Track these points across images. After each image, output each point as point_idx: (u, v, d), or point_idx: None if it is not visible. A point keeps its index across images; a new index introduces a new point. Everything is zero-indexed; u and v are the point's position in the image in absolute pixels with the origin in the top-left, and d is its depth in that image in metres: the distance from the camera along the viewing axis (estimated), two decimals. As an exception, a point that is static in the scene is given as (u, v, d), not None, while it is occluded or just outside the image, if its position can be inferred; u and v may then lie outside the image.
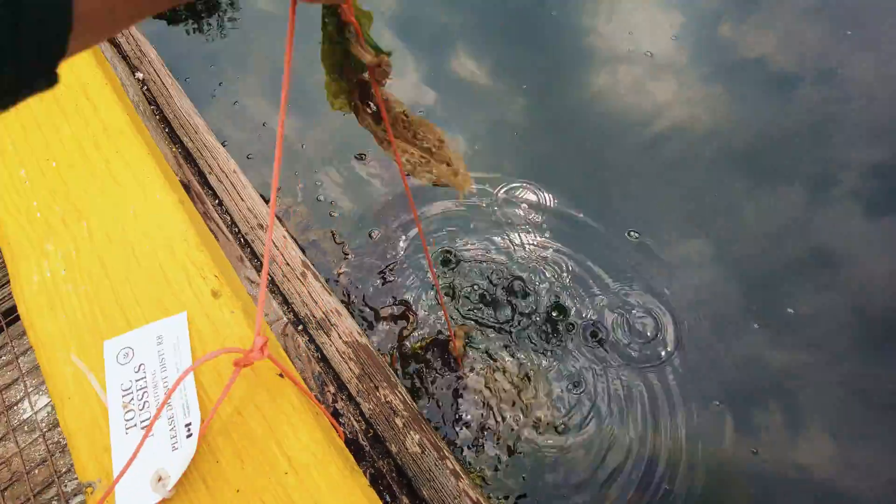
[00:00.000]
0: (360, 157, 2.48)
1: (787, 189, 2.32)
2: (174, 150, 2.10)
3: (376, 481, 1.36)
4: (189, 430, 0.75)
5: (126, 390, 0.80)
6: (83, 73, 1.27)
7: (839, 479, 1.73)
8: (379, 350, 1.65)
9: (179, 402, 0.78)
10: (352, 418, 1.43)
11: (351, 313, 1.77)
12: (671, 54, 2.76)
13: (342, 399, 1.46)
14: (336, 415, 1.43)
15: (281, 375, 0.81)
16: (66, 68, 0.37)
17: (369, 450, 1.40)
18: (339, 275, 2.16)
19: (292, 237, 1.86)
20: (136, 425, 0.76)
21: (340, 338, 1.55)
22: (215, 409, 0.74)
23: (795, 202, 2.28)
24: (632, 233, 2.19)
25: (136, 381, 0.81)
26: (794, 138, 2.46)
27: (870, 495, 1.70)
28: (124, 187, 1.06)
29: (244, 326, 0.86)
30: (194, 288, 0.90)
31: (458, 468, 1.42)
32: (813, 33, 2.83)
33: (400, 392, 1.49)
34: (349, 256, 2.19)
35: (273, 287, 1.63)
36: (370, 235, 2.26)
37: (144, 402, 0.79)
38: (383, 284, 2.13)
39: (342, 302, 1.85)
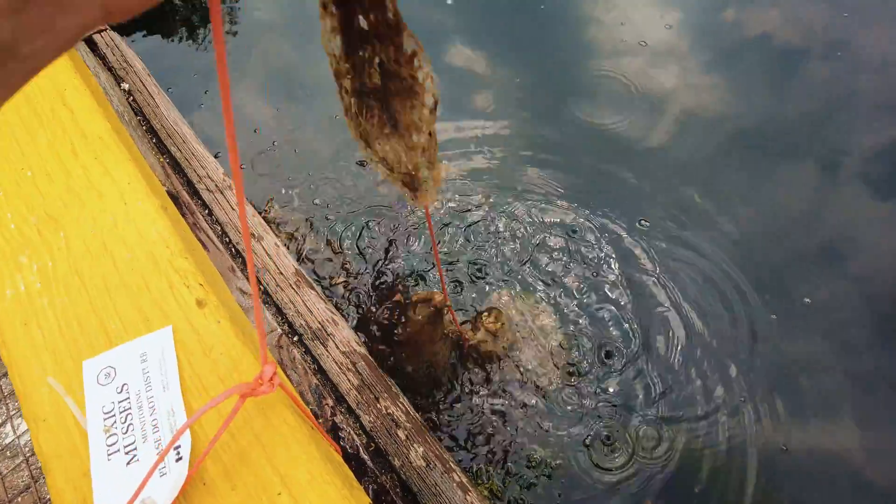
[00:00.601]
0: (362, 164, 2.43)
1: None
2: (162, 160, 2.05)
3: (379, 498, 1.30)
4: (178, 453, 0.69)
5: (108, 413, 0.74)
6: (60, 79, 1.21)
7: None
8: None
9: (167, 423, 0.72)
10: (352, 432, 1.36)
11: (348, 322, 1.72)
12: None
13: (341, 412, 1.39)
14: (335, 429, 1.36)
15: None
16: (42, 75, 0.31)
17: (371, 465, 1.33)
18: (336, 284, 2.10)
19: (286, 245, 1.81)
20: (119, 450, 0.70)
21: (338, 347, 1.48)
22: (214, 441, 0.67)
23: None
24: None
25: (119, 402, 0.75)
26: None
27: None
28: (103, 195, 1.00)
29: (232, 336, 0.80)
30: (178, 298, 0.85)
31: (465, 481, 1.35)
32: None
33: (402, 403, 1.43)
34: (348, 265, 2.14)
35: (266, 297, 1.56)
36: (370, 244, 2.20)
37: (129, 426, 0.72)
38: (385, 290, 2.07)
39: (339, 311, 1.79)
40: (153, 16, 3.13)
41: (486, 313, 1.78)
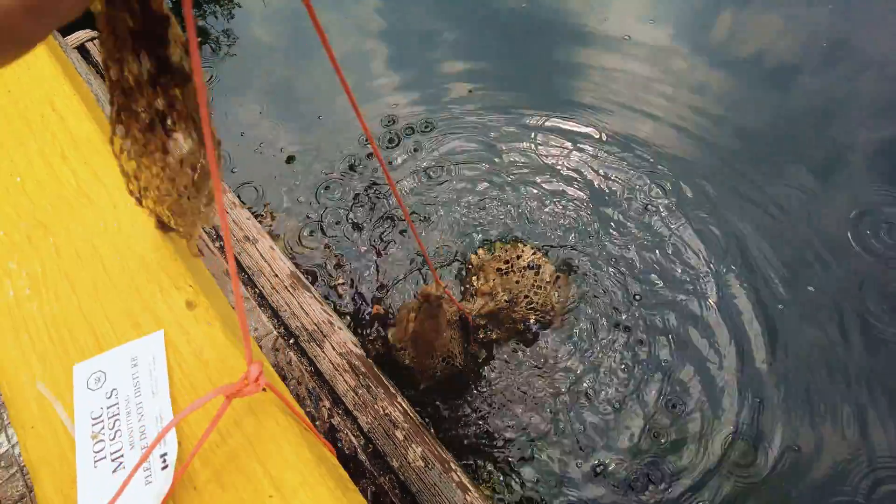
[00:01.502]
0: (353, 168, 2.43)
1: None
2: (156, 166, 2.04)
3: (378, 500, 1.29)
4: (164, 461, 0.68)
5: (96, 419, 0.73)
6: (50, 85, 1.21)
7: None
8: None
9: (153, 429, 0.71)
10: (349, 433, 1.36)
11: (349, 324, 1.71)
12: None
13: (338, 414, 1.39)
14: (333, 431, 1.36)
15: (264, 390, 0.74)
16: (31, 81, 0.32)
17: (370, 466, 1.33)
18: (335, 286, 2.09)
19: (282, 248, 1.80)
20: (105, 457, 0.69)
21: (334, 349, 1.48)
22: (201, 443, 0.66)
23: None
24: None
25: (108, 407, 0.74)
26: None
27: None
28: (93, 200, 1.00)
29: (223, 338, 0.80)
30: (168, 301, 0.84)
31: (465, 480, 1.35)
32: None
33: (399, 403, 1.42)
34: (345, 266, 2.13)
35: (261, 300, 1.56)
36: (370, 244, 2.20)
37: (116, 432, 0.71)
38: (385, 292, 2.07)
39: (340, 313, 1.79)
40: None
41: (473, 277, 1.81)
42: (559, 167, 2.38)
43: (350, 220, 2.24)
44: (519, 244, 1.85)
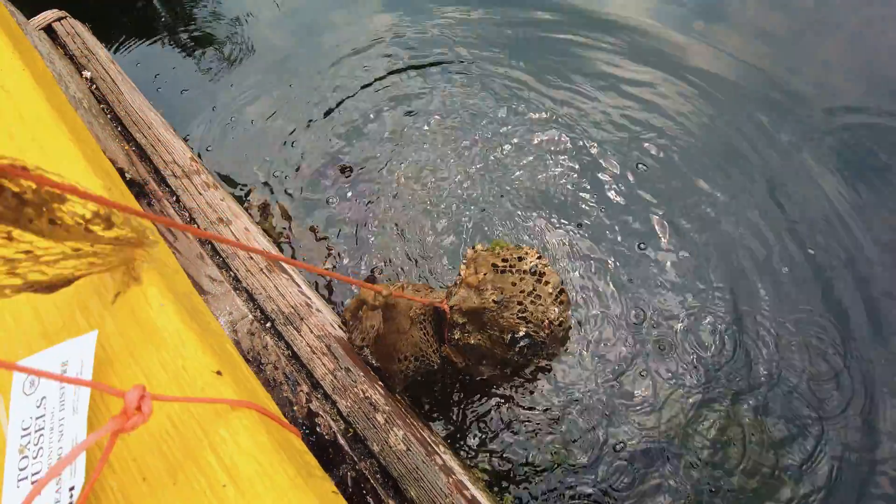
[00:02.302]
0: (344, 165, 2.36)
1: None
2: (127, 148, 1.97)
3: (359, 485, 1.26)
4: (72, 495, 0.60)
5: (25, 430, 0.65)
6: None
7: None
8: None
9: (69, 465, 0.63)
10: (328, 418, 1.32)
11: (333, 308, 1.66)
12: None
13: (317, 398, 1.34)
14: (311, 416, 1.32)
15: (219, 373, 0.69)
16: None
17: (349, 451, 1.29)
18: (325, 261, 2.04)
19: (263, 229, 1.75)
20: (27, 477, 0.61)
21: (311, 332, 1.43)
22: (93, 480, 0.60)
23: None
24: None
25: (36, 419, 0.65)
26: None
27: None
28: (42, 177, 0.94)
29: (177, 323, 0.74)
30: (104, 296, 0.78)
31: (450, 463, 1.31)
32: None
33: (379, 385, 1.38)
34: (332, 251, 2.07)
35: (236, 284, 1.51)
36: (355, 230, 2.14)
37: (39, 449, 0.63)
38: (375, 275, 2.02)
39: (324, 298, 1.74)
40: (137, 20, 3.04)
41: (463, 265, 1.53)
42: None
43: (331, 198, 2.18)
44: (524, 247, 1.57)
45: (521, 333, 1.43)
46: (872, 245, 2.02)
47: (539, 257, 1.51)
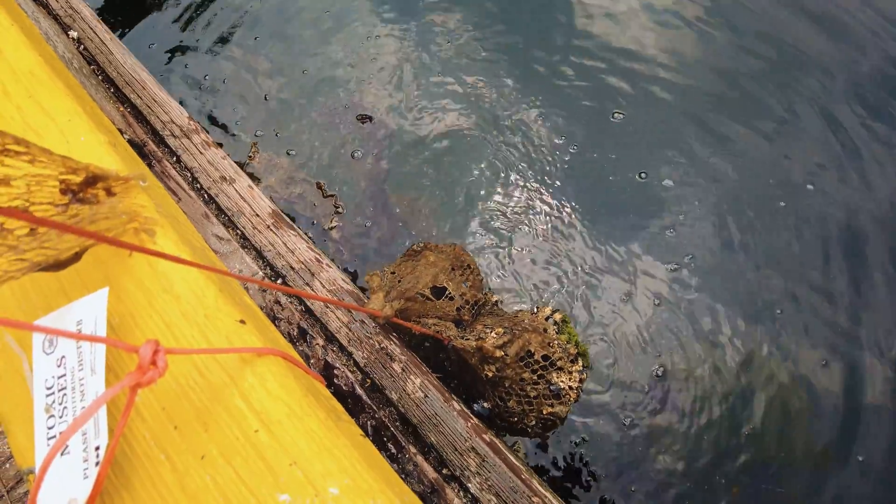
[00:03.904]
0: (362, 120, 2.31)
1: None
2: (122, 109, 1.92)
3: (379, 433, 1.28)
4: (98, 455, 0.60)
5: (49, 389, 0.64)
6: (-17, 16, 1.09)
7: None
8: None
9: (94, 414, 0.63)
10: (345, 370, 1.33)
11: (340, 267, 1.66)
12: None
13: (333, 351, 1.35)
14: (329, 367, 1.33)
15: (242, 322, 0.69)
16: None
17: (368, 400, 1.30)
18: (331, 229, 2.03)
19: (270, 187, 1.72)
20: (55, 436, 0.61)
21: (324, 286, 1.43)
22: (117, 435, 0.58)
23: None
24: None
25: (58, 378, 0.64)
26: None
27: None
28: (42, 135, 0.91)
29: (196, 274, 0.73)
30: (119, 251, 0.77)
31: (465, 409, 1.33)
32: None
33: (394, 337, 1.39)
34: (340, 209, 2.05)
35: (244, 241, 1.49)
36: (363, 188, 2.11)
37: (63, 409, 0.63)
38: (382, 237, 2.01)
39: (330, 256, 1.73)
40: None
41: (494, 331, 1.41)
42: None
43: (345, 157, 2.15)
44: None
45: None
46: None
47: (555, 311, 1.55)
